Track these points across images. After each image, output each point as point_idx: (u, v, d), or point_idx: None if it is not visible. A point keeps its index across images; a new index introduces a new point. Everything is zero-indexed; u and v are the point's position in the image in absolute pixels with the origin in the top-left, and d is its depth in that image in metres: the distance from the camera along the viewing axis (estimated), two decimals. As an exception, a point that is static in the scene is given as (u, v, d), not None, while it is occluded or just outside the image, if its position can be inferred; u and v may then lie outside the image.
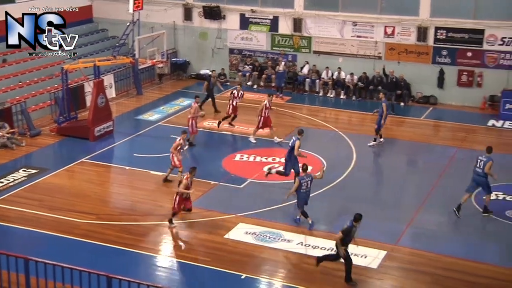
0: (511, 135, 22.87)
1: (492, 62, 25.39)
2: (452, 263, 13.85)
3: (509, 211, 16.33)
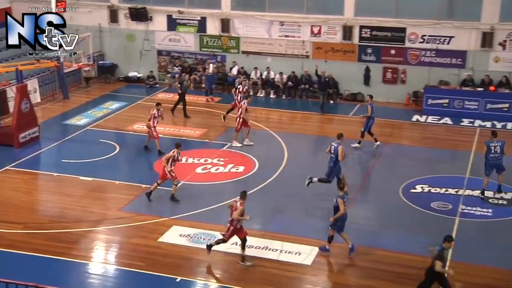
0: (434, 130, 23.69)
1: (414, 59, 26.27)
2: (382, 256, 14.21)
3: (435, 202, 16.90)
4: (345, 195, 14.10)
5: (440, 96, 25.15)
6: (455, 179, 18.51)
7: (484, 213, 16.37)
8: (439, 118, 24.71)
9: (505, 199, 17.15)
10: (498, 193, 17.39)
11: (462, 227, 15.54)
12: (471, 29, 25.08)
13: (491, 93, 24.60)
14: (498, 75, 25.00)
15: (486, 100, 24.52)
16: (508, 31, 24.66)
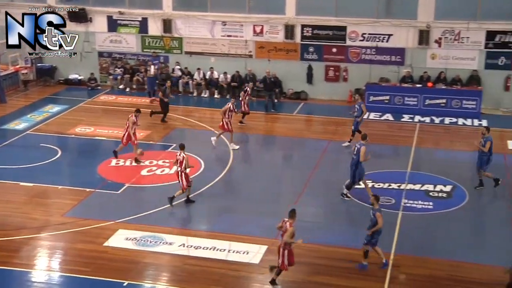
0: (376, 126, 24.14)
1: (355, 57, 26.74)
2: (330, 252, 14.40)
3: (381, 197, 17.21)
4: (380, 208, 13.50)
5: (381, 93, 25.70)
6: (397, 174, 18.93)
7: (426, 206, 16.80)
8: (381, 114, 25.23)
9: (445, 192, 17.64)
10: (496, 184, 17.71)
11: (405, 221, 15.91)
12: (409, 27, 25.72)
13: (429, 89, 25.29)
14: (435, 71, 25.74)
15: (425, 96, 25.18)
16: (443, 29, 25.42)
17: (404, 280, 13.28)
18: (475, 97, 24.77)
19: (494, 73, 25.35)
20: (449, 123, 24.20)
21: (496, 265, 13.62)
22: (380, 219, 13.28)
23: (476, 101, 24.75)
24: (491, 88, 25.40)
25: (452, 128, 23.73)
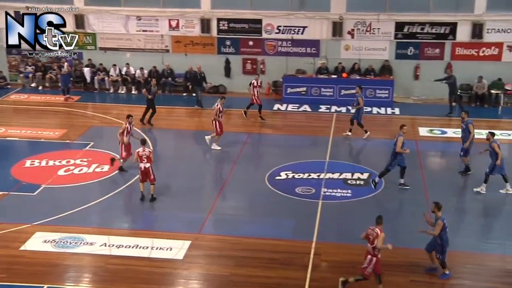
0: (295, 117, 24.53)
1: (271, 49, 27.01)
2: (252, 244, 14.51)
3: (299, 188, 17.52)
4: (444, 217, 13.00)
5: (298, 85, 26.10)
6: (316, 164, 19.29)
7: (344, 194, 17.23)
8: (299, 106, 25.64)
9: (362, 180, 18.16)
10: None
11: (325, 209, 16.26)
12: (322, 19, 26.22)
13: (344, 80, 25.92)
14: (350, 62, 26.40)
15: (340, 86, 25.80)
16: (355, 21, 26.10)
17: (326, 267, 13.59)
18: (387, 87, 25.62)
19: (404, 63, 26.31)
20: (364, 112, 24.84)
21: (412, 248, 14.19)
22: (438, 227, 12.81)
23: (389, 90, 25.61)
24: (402, 78, 26.35)
25: (367, 117, 24.38)
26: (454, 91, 24.25)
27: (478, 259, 13.79)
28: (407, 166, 17.54)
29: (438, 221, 12.90)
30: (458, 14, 25.37)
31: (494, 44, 25.46)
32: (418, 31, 25.85)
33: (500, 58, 25.54)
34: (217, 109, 20.51)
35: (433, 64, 26.00)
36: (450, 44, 25.81)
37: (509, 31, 25.22)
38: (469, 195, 16.95)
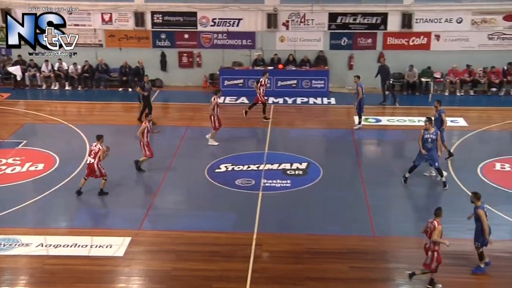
0: (233, 110, 24.54)
1: (207, 42, 26.92)
2: (193, 238, 14.48)
3: (239, 180, 17.58)
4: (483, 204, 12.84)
5: (235, 77, 26.13)
6: (255, 155, 19.42)
7: (284, 184, 17.40)
8: (236, 98, 25.68)
9: (301, 169, 18.39)
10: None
11: (265, 200, 16.39)
12: (257, 11, 26.32)
13: (280, 71, 26.13)
14: (285, 53, 26.63)
15: (277, 78, 25.98)
16: (289, 12, 26.33)
17: (267, 257, 13.71)
18: (323, 77, 25.99)
19: (339, 53, 26.76)
20: (300, 103, 25.21)
21: (350, 235, 14.52)
22: (483, 217, 12.62)
23: (324, 80, 25.99)
24: (337, 68, 26.80)
25: (303, 108, 24.74)
26: (387, 80, 24.85)
27: (412, 243, 14.20)
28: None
29: (479, 210, 12.71)
30: (389, 5, 25.97)
31: (423, 33, 26.23)
32: (350, 21, 26.33)
33: (429, 47, 26.35)
34: (214, 104, 20.23)
35: (366, 54, 26.56)
36: (382, 34, 26.42)
37: (436, 21, 26.03)
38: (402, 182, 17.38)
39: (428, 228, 12.28)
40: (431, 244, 12.22)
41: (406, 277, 12.66)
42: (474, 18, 25.87)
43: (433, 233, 12.03)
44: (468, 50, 26.13)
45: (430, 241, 12.19)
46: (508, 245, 14.22)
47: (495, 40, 26.02)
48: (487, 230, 12.70)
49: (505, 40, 25.98)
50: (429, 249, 12.27)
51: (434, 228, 12.07)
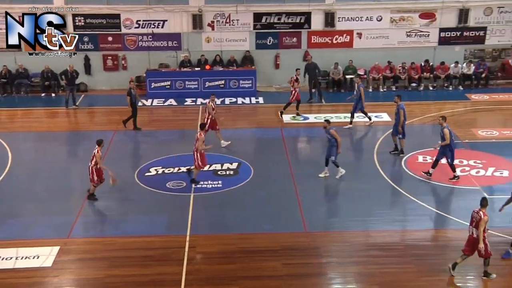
0: (161, 112, 24.37)
1: (132, 44, 26.56)
2: (126, 243, 14.27)
3: (170, 182, 17.46)
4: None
5: (162, 79, 25.92)
6: (186, 157, 19.29)
7: (215, 185, 17.41)
8: (164, 100, 25.48)
9: (232, 170, 18.45)
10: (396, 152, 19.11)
11: (197, 202, 16.35)
12: (182, 12, 26.19)
13: (207, 72, 26.11)
14: (212, 54, 26.63)
15: (204, 79, 25.97)
16: (214, 13, 26.36)
17: (200, 259, 13.69)
18: (250, 77, 26.17)
19: (265, 53, 27.01)
20: (229, 103, 25.29)
21: (282, 232, 14.70)
22: None
23: (252, 80, 26.18)
24: (263, 67, 27.05)
25: (232, 108, 24.84)
26: (314, 78, 25.29)
27: (343, 237, 14.56)
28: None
29: None
30: (311, 4, 26.43)
31: (345, 32, 26.87)
32: (275, 21, 26.64)
33: (352, 45, 27.02)
34: (210, 106, 19.94)
35: (292, 53, 26.94)
36: (306, 33, 26.87)
37: (357, 19, 26.71)
38: (332, 177, 17.75)
39: (474, 218, 12.46)
40: (478, 234, 12.32)
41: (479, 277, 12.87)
42: (393, 16, 26.74)
43: (480, 223, 12.21)
44: (388, 47, 26.98)
45: (477, 232, 12.31)
46: (431, 234, 14.80)
47: (413, 37, 26.99)
48: None
49: (422, 37, 26.98)
50: (478, 238, 12.33)
51: (481, 219, 12.24)
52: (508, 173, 17.80)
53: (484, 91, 26.17)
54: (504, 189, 16.78)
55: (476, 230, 12.37)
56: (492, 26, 26.87)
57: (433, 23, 26.81)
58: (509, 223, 14.60)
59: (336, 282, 12.95)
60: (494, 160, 18.22)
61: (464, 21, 26.69)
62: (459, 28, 26.85)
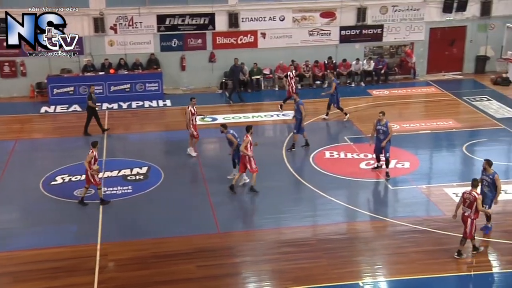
0: (65, 118, 23.63)
1: (30, 49, 25.46)
2: (32, 256, 13.73)
3: (77, 190, 16.96)
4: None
5: (64, 85, 25.13)
6: (92, 163, 18.86)
7: (125, 190, 17.11)
8: (68, 106, 24.72)
9: (142, 174, 18.20)
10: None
11: (107, 209, 15.99)
12: (82, 16, 25.47)
13: (112, 76, 25.59)
14: (116, 57, 26.10)
15: (109, 83, 25.42)
16: (116, 16, 25.85)
17: (113, 267, 13.43)
18: (156, 79, 25.89)
19: (170, 55, 26.80)
20: (136, 106, 24.90)
21: (195, 234, 14.69)
22: (498, 181, 13.95)
23: (158, 82, 25.90)
24: (170, 69, 26.83)
25: (139, 111, 24.48)
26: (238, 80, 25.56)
27: (256, 236, 14.75)
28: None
29: (496, 175, 13.97)
30: (215, 5, 26.50)
31: (249, 32, 27.13)
32: (179, 23, 26.49)
33: (257, 45, 27.33)
34: (189, 112, 19.32)
35: (197, 54, 26.91)
36: (211, 34, 26.91)
37: (260, 19, 27.05)
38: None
39: (466, 199, 13.09)
40: (471, 213, 13.04)
41: (455, 257, 13.43)
42: (295, 16, 27.27)
43: (477, 203, 12.90)
44: (292, 46, 27.50)
45: (471, 211, 13.00)
46: (340, 227, 15.26)
47: (315, 36, 27.66)
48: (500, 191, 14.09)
49: (324, 36, 27.71)
50: (468, 217, 13.08)
51: (475, 199, 12.93)
52: (409, 165, 18.64)
53: (384, 87, 27.24)
54: (406, 180, 17.63)
55: (467, 209, 13.11)
56: (388, 24, 28.01)
57: (334, 22, 27.59)
58: (410, 212, 15.37)
59: (250, 281, 13.08)
60: (396, 152, 19.02)
61: (362, 20, 27.66)
62: (358, 26, 27.79)
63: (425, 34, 28.29)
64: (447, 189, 16.85)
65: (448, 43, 28.68)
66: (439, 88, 26.75)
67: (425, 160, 19.41)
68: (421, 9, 27.88)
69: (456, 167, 18.84)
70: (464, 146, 19.95)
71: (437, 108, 24.34)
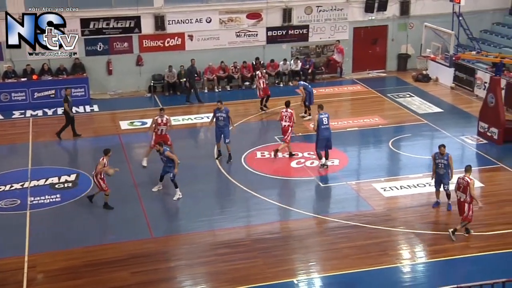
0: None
1: None
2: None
3: (2, 201, 16.39)
4: None
5: (-17, 92, 24.24)
6: (18, 173, 18.26)
7: (53, 199, 16.64)
8: (-12, 115, 23.86)
9: (70, 182, 17.75)
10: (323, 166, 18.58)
11: (34, 219, 15.53)
12: (1, 20, 24.50)
13: (35, 82, 24.82)
14: (38, 63, 25.27)
15: (33, 89, 24.66)
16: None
17: (42, 279, 13.03)
18: (82, 84, 25.28)
19: (96, 59, 26.23)
20: (62, 113, 24.16)
21: (129, 240, 14.47)
22: (451, 161, 15.02)
23: (84, 88, 25.31)
24: (96, 74, 26.28)
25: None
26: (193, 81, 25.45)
27: (190, 239, 14.67)
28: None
29: (450, 155, 15.10)
30: (140, 8, 26.16)
31: (176, 34, 26.95)
32: (104, 26, 25.99)
33: (184, 47, 27.17)
34: (154, 121, 18.77)
35: (124, 58, 26.49)
36: (137, 37, 26.55)
37: (187, 21, 26.93)
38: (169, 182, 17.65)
39: (460, 184, 13.77)
40: (466, 198, 13.70)
41: (449, 236, 14.09)
42: (221, 18, 27.30)
43: (470, 188, 13.55)
44: (220, 48, 27.51)
45: (466, 196, 13.68)
46: (274, 227, 15.40)
47: (243, 37, 27.79)
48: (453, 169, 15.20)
49: (251, 37, 27.88)
50: (465, 202, 13.78)
51: (468, 184, 13.61)
52: (339, 162, 19.03)
53: (312, 86, 27.63)
54: (336, 177, 17.99)
55: (462, 194, 13.81)
56: (313, 24, 28.47)
57: (260, 23, 27.80)
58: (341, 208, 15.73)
59: (186, 285, 13.01)
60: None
61: (288, 20, 28.01)
62: (284, 27, 28.12)
63: (349, 33, 28.94)
64: (375, 184, 17.31)
65: (371, 42, 29.49)
66: (365, 86, 27.45)
67: (354, 156, 19.88)
68: (344, 9, 28.51)
69: (383, 163, 19.37)
70: (390, 142, 20.56)
71: (363, 106, 24.97)
